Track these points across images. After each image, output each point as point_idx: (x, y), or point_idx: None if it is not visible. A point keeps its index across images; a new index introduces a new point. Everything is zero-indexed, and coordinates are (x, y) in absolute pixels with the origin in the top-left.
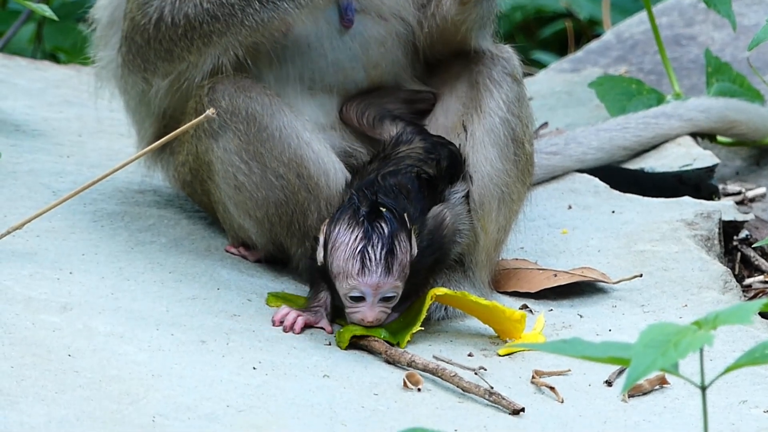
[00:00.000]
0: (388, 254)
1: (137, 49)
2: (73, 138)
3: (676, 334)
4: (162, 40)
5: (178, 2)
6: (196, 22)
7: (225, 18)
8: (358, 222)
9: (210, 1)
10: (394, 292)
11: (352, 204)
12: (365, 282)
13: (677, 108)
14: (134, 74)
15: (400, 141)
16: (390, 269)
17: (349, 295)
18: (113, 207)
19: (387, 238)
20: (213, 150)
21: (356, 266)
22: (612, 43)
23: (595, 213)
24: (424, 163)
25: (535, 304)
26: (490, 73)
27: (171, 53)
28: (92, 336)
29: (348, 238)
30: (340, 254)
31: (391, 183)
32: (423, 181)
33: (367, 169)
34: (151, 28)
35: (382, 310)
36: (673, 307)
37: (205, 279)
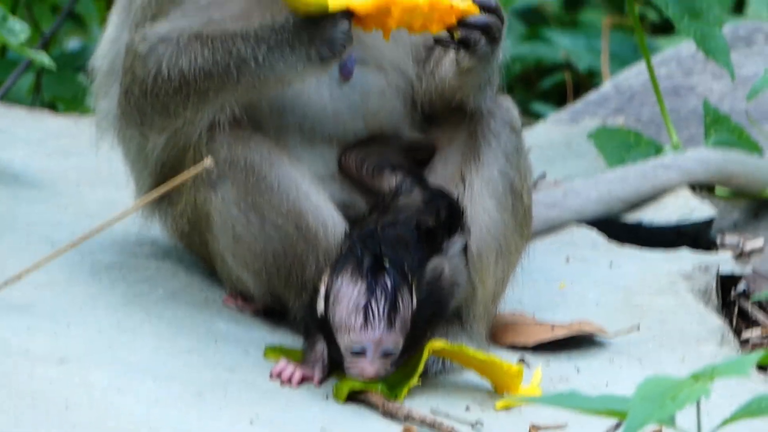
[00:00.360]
0: (391, 309)
1: (135, 102)
2: (72, 188)
3: (673, 387)
4: (159, 93)
5: (174, 57)
6: (191, 78)
7: (220, 76)
8: (362, 275)
9: (205, 58)
10: (394, 346)
11: (355, 256)
12: (367, 337)
13: (675, 159)
14: (131, 128)
15: (399, 192)
16: (392, 324)
17: (350, 349)
18: (111, 258)
19: (390, 293)
20: (211, 200)
21: (359, 321)
22: (610, 94)
23: (593, 266)
24: (423, 214)
25: (533, 357)
26: (489, 124)
27: (167, 108)
28: (90, 388)
29: (351, 292)
30: (343, 308)
31: (390, 234)
32: (422, 232)
33: (366, 219)
34: (150, 82)
35: (382, 364)
36: (671, 360)
37: (202, 331)
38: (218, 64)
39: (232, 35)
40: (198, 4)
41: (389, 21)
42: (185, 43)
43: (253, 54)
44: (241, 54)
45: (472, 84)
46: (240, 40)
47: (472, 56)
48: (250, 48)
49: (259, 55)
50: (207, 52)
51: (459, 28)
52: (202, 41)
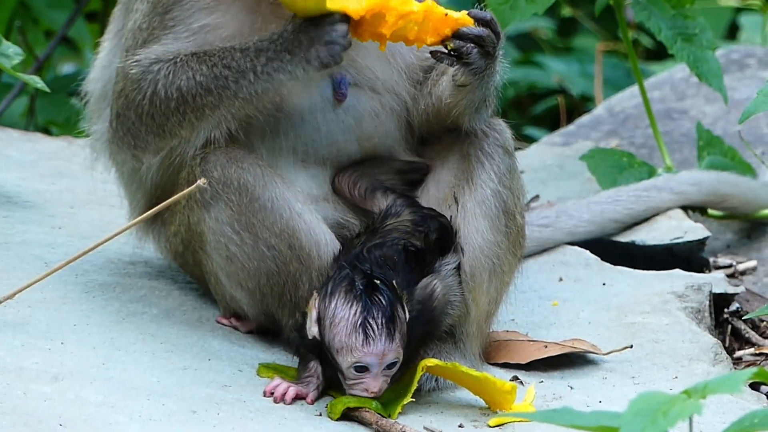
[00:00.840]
0: (389, 322)
1: (129, 126)
2: (65, 209)
3: (665, 403)
4: (155, 114)
5: (171, 75)
6: (189, 95)
7: (218, 90)
8: (356, 296)
9: (203, 74)
10: (396, 358)
11: (346, 278)
12: (371, 352)
13: (668, 181)
14: (123, 151)
15: (388, 214)
16: (392, 336)
17: (354, 366)
18: (105, 278)
19: (387, 307)
20: (205, 220)
21: (360, 338)
22: (603, 117)
23: (586, 285)
24: (411, 236)
25: (526, 375)
26: (482, 145)
27: (163, 128)
28: (83, 406)
29: (347, 313)
30: (342, 330)
31: (376, 255)
32: (410, 253)
33: (353, 243)
34: (146, 104)
35: (384, 379)
36: (664, 378)
37: (196, 349)
38: (217, 78)
39: (230, 50)
40: (190, 28)
41: (384, 28)
42: (182, 61)
43: (252, 66)
44: (240, 66)
45: (468, 102)
46: (238, 53)
47: (466, 69)
48: (249, 60)
49: (258, 66)
50: (205, 67)
51: (452, 40)
52: (200, 58)
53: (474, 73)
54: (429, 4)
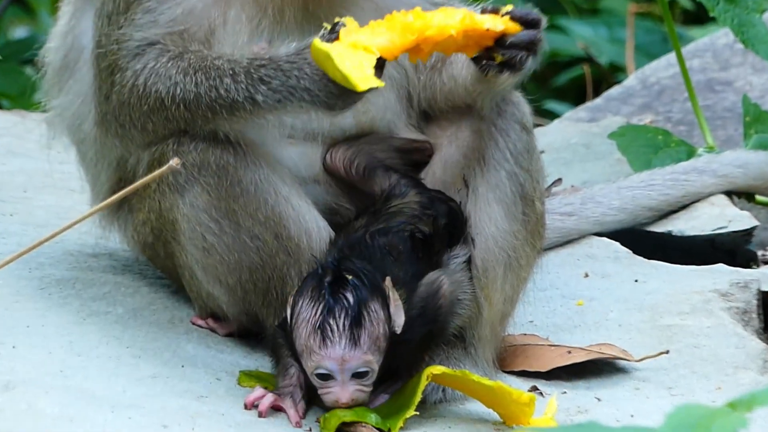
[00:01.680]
0: (353, 324)
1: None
2: (18, 193)
3: (707, 417)
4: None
5: (152, 77)
6: (169, 103)
7: (204, 111)
8: (320, 294)
9: (187, 89)
10: (366, 367)
11: (316, 274)
12: (328, 355)
13: (710, 162)
14: (111, 136)
15: (392, 194)
16: (356, 341)
17: (315, 372)
18: (63, 272)
19: (352, 308)
20: (178, 207)
21: (317, 340)
22: (636, 89)
23: (615, 282)
24: (419, 221)
25: (546, 385)
26: (496, 121)
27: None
28: (38, 418)
29: (309, 313)
30: (302, 331)
31: (380, 243)
32: (417, 241)
33: (353, 225)
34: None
35: (357, 389)
36: (705, 389)
37: (167, 355)
38: (203, 99)
39: (218, 70)
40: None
41: (420, 56)
42: (164, 65)
43: (248, 95)
44: (230, 94)
45: (500, 91)
46: (229, 78)
47: (516, 74)
48: (243, 88)
49: (258, 97)
50: (190, 83)
51: (500, 50)
52: (184, 70)
53: (523, 75)
54: (467, 20)
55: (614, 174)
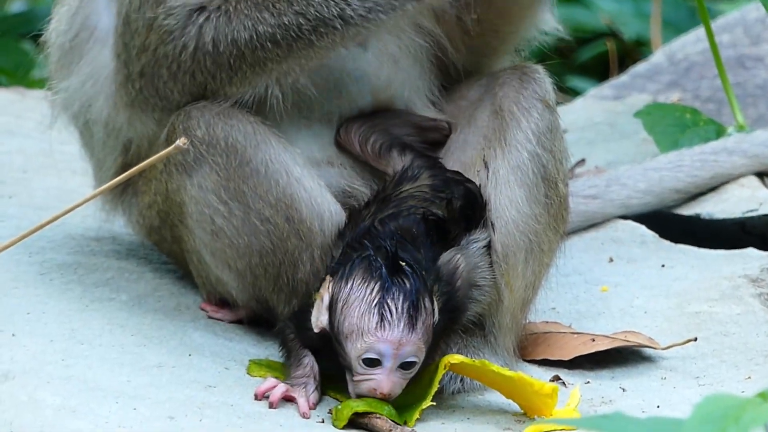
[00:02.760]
0: (411, 307)
1: (159, 87)
2: (17, 175)
3: (736, 408)
4: (197, 72)
5: (224, 27)
6: (248, 49)
7: (288, 42)
8: (375, 275)
9: (268, 24)
10: (416, 356)
11: (367, 258)
12: (385, 338)
13: (741, 142)
14: (147, 116)
15: (404, 178)
16: (414, 325)
17: (363, 356)
18: (64, 257)
19: (411, 292)
20: (186, 188)
21: (374, 320)
22: (663, 65)
23: (641, 267)
24: (430, 204)
25: (569, 375)
26: (518, 99)
27: (204, 86)
28: (39, 410)
29: (363, 293)
30: (354, 310)
31: (391, 228)
32: (431, 223)
33: (362, 215)
34: (186, 60)
35: (399, 380)
36: (734, 379)
37: (174, 343)
38: (287, 28)
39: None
40: None
41: None
42: (236, 10)
43: (339, 11)
44: (321, 14)
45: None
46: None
47: None
48: (334, 4)
49: (348, 10)
50: (269, 15)
51: None
52: (258, 6)
53: None
54: None
55: (640, 154)
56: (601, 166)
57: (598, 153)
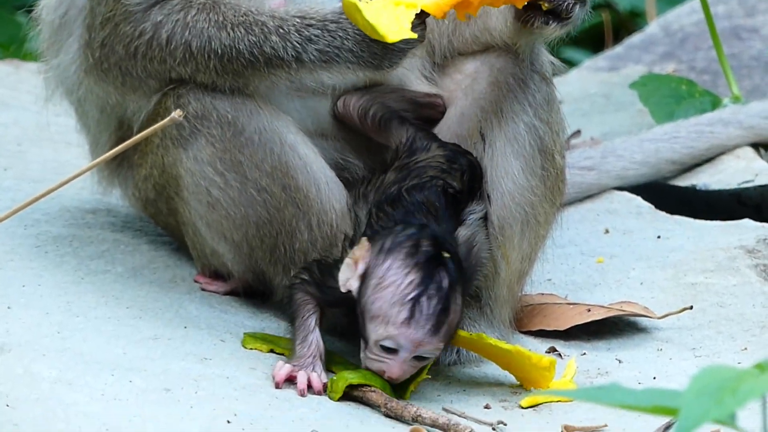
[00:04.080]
0: (441, 311)
1: (117, 60)
2: (12, 147)
3: (733, 379)
4: (154, 59)
5: (180, 29)
6: (201, 56)
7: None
8: (417, 264)
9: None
10: (433, 354)
11: (412, 238)
12: (408, 335)
13: (736, 113)
14: (108, 83)
15: (415, 148)
16: (439, 328)
17: (382, 342)
18: (60, 230)
19: (445, 292)
20: (182, 161)
21: (403, 315)
22: (658, 36)
23: (637, 238)
24: (448, 175)
25: (565, 346)
26: (514, 71)
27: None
28: (35, 382)
29: (401, 280)
30: (387, 297)
31: (417, 199)
32: (449, 196)
33: (382, 180)
34: (142, 45)
35: (410, 368)
36: (731, 350)
37: (169, 315)
38: (241, 54)
39: (260, 24)
40: None
41: (470, 9)
42: (193, 17)
43: (296, 54)
44: (277, 53)
45: (544, 40)
46: (275, 36)
47: (563, 25)
48: (291, 47)
49: (305, 56)
50: (226, 36)
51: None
52: (218, 24)
53: (572, 25)
54: None
55: (635, 126)
56: (597, 137)
57: (594, 124)
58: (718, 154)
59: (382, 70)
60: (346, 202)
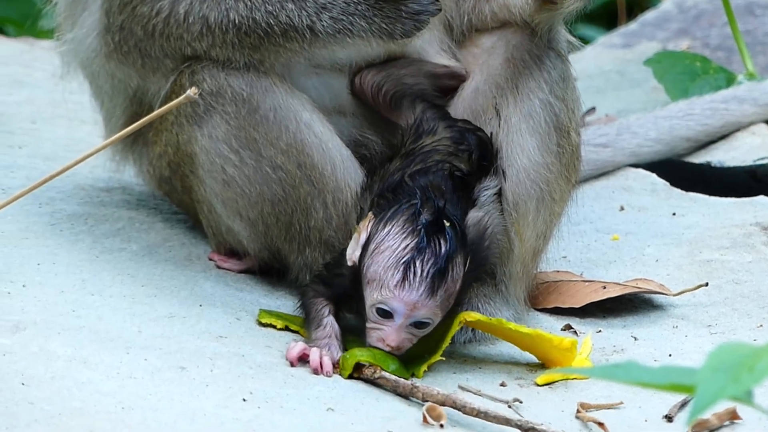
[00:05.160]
0: (437, 274)
1: (136, 42)
2: (26, 125)
3: (750, 357)
4: (171, 36)
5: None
6: (218, 29)
7: (259, 36)
8: (414, 230)
9: (240, 15)
10: (429, 319)
11: (412, 207)
12: (401, 297)
13: (751, 90)
14: (128, 67)
15: (421, 131)
16: (434, 292)
17: (376, 306)
18: (74, 208)
19: (441, 257)
20: (197, 139)
21: (396, 277)
22: (672, 13)
23: (652, 215)
24: (455, 158)
25: (580, 324)
26: (530, 47)
27: (179, 50)
28: (50, 361)
29: (396, 244)
30: (382, 260)
31: (421, 184)
32: (456, 179)
33: (387, 168)
34: (159, 23)
35: (409, 337)
36: (746, 327)
37: (184, 294)
38: (257, 24)
39: None
40: None
41: None
42: None
43: (310, 23)
44: (292, 21)
45: (557, 18)
46: (290, 4)
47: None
48: (306, 15)
49: (319, 25)
50: (243, 7)
51: None
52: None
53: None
54: None
55: (650, 103)
56: (612, 114)
57: (608, 101)
58: (732, 131)
59: (396, 38)
60: (361, 180)
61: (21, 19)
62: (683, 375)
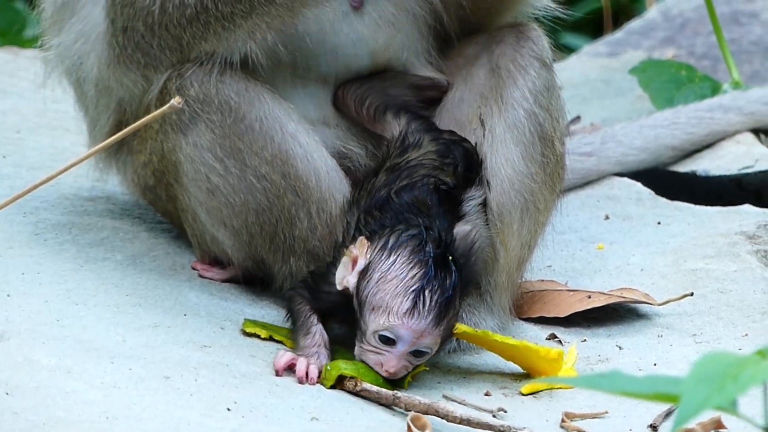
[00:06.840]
0: (444, 303)
1: (138, 41)
2: (10, 134)
3: (735, 366)
4: (168, 25)
5: None
6: (211, 1)
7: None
8: (423, 261)
9: None
10: (429, 348)
11: (417, 237)
12: (410, 325)
13: (736, 99)
14: (133, 72)
15: (407, 145)
16: (440, 322)
17: (381, 333)
18: (59, 217)
19: (449, 288)
20: (181, 147)
21: (405, 305)
22: (657, 21)
23: (637, 224)
24: (440, 171)
25: (565, 333)
26: (515, 57)
27: (179, 41)
28: (34, 370)
29: (405, 274)
30: (390, 287)
31: (406, 200)
32: (442, 193)
33: (373, 183)
34: (156, 11)
35: (406, 363)
36: (731, 336)
37: (169, 303)
38: None
39: None
40: None
41: None
42: None
43: None
44: None
45: None
46: None
47: None
48: None
49: None
50: None
51: None
52: None
53: None
54: None
55: (635, 111)
56: (597, 123)
57: (593, 110)
58: (718, 140)
59: None
60: (346, 191)
61: (6, 28)
62: (668, 384)
